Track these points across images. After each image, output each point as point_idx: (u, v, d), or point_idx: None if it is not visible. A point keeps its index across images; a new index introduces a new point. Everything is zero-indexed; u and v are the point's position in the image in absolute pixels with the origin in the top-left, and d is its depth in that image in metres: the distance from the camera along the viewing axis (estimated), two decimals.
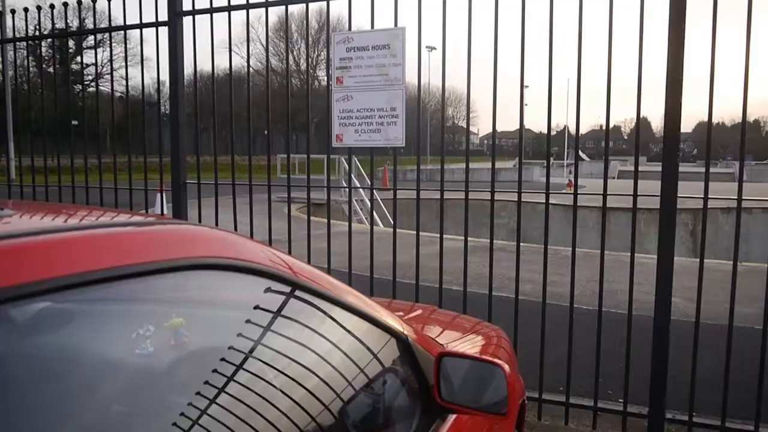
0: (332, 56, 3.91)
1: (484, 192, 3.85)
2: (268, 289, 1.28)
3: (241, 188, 4.39)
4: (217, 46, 4.30)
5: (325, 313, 1.43)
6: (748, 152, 59.18)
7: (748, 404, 3.36)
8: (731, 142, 70.72)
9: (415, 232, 3.88)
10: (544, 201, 3.74)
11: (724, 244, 16.23)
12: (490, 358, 1.62)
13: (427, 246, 4.99)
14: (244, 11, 4.22)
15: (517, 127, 3.67)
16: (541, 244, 3.83)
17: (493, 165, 3.76)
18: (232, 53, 4.24)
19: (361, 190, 15.31)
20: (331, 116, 3.93)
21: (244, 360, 1.18)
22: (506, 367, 1.52)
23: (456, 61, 3.78)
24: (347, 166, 15.87)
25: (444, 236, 3.98)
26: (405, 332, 1.64)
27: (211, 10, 4.31)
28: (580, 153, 63.70)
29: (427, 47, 42.51)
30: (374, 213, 15.66)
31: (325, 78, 3.95)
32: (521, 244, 3.83)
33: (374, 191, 16.17)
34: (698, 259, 3.35)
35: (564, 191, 23.64)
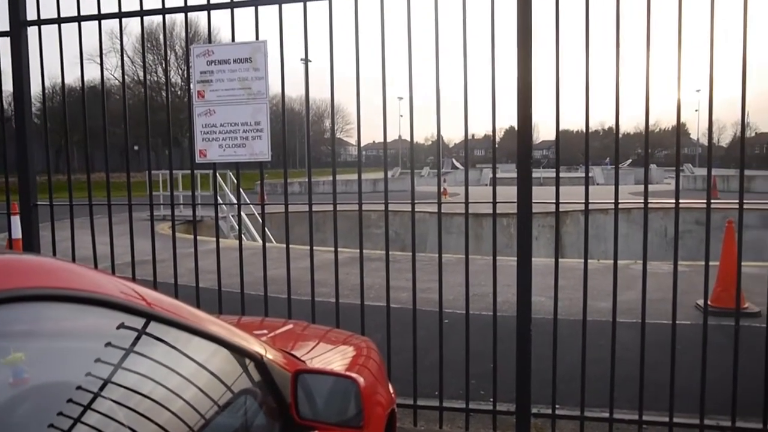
0: (192, 69, 3.80)
1: (353, 204, 3.89)
2: (120, 322, 1.23)
3: (112, 208, 4.14)
4: (77, 57, 4.04)
5: (181, 341, 1.39)
6: (604, 157, 63.92)
7: (604, 392, 3.59)
8: (590, 148, 76.19)
9: (296, 246, 3.84)
10: (423, 210, 3.81)
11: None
12: (345, 372, 1.63)
13: (306, 259, 4.95)
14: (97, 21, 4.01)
15: (395, 138, 3.73)
16: (420, 252, 3.91)
17: (360, 176, 3.81)
18: (97, 65, 4.02)
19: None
20: (194, 131, 3.81)
21: (95, 395, 1.11)
22: (361, 380, 1.52)
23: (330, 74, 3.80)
24: (221, 181, 15.34)
25: (321, 248, 3.96)
26: (261, 352, 1.60)
27: (60, 20, 4.05)
28: (455, 161, 66.25)
29: (301, 59, 42.40)
30: (252, 229, 15.37)
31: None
32: (399, 253, 3.89)
33: (253, 206, 15.90)
34: (564, 259, 3.55)
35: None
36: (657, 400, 3.62)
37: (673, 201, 3.41)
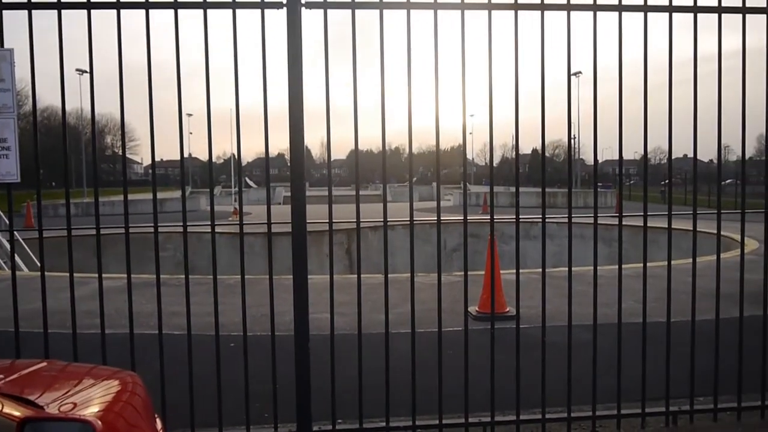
0: None
1: (120, 227, 3.65)
2: None
3: None
4: None
5: None
6: (392, 175, 67.69)
7: (382, 402, 3.74)
8: (378, 167, 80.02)
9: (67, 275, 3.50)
10: (208, 231, 3.68)
11: (374, 259, 18.19)
12: (79, 416, 1.50)
13: (78, 288, 4.52)
14: None
15: (184, 155, 3.60)
16: (208, 274, 3.78)
17: (126, 196, 3.60)
18: None
19: None
20: None
21: None
22: (98, 423, 1.41)
23: (111, 87, 3.53)
24: None
25: (105, 276, 3.66)
26: None
27: None
28: (248, 180, 65.55)
29: (77, 70, 39.11)
30: (16, 256, 13.71)
31: None
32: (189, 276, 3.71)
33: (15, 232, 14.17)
34: (352, 275, 3.66)
35: (230, 219, 23.94)
36: (432, 402, 3.87)
37: (451, 218, 3.74)
